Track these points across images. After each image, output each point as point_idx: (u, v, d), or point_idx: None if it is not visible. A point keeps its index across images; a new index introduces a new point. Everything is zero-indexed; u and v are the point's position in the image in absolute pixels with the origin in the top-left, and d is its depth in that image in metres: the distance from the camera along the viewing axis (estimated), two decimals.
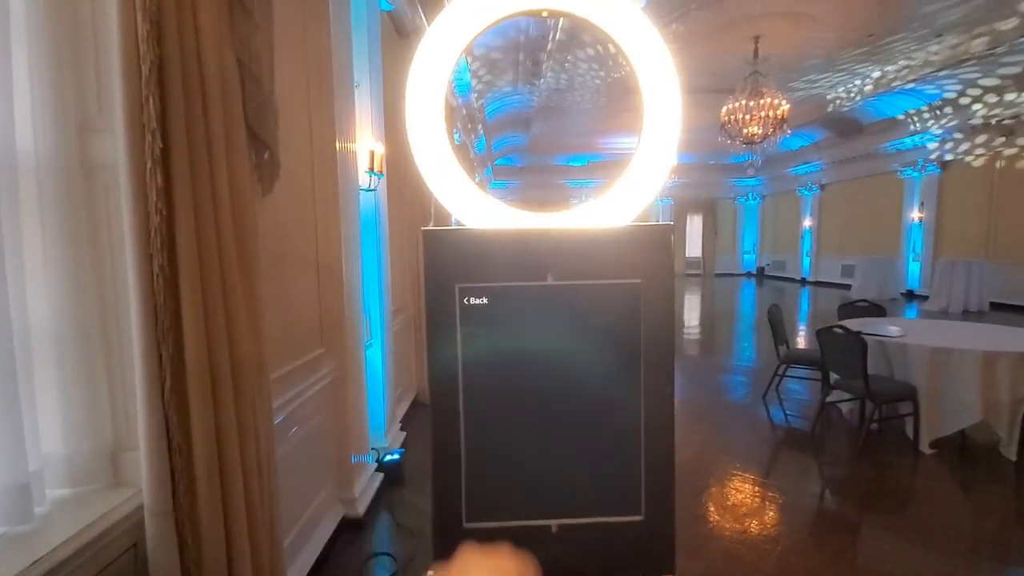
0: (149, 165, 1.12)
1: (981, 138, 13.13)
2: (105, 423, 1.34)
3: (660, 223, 1.58)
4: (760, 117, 8.81)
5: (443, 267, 1.56)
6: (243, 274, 1.47)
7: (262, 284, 1.58)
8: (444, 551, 1.62)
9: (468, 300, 1.58)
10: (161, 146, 1.18)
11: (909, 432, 4.31)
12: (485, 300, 1.61)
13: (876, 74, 11.67)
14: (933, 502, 3.56)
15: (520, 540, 1.18)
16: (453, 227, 1.54)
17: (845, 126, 15.89)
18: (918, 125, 14.02)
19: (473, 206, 1.56)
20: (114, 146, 1.23)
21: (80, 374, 1.33)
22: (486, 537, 1.67)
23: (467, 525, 1.71)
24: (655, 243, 1.62)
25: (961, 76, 11.43)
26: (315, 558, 2.60)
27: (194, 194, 1.24)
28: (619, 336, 1.69)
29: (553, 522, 1.80)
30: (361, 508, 3.12)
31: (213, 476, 1.25)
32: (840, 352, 4.23)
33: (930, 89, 12.43)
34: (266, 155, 1.72)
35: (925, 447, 4.25)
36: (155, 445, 1.15)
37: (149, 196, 1.12)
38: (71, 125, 1.31)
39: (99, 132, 1.36)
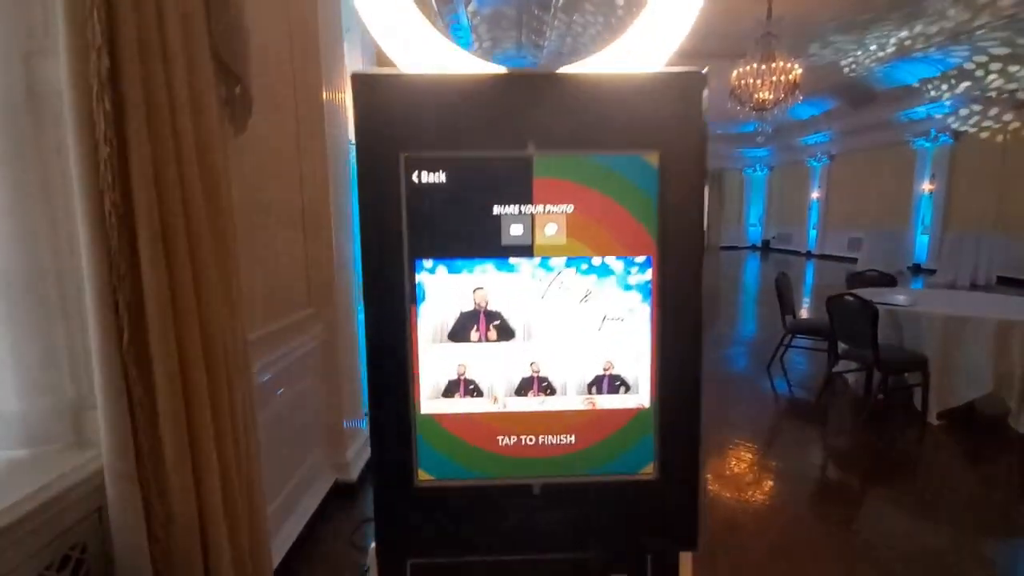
0: (96, 88, 1.02)
1: (995, 110, 12.77)
2: (64, 379, 1.27)
3: (690, 68, 1.18)
4: (772, 82, 8.49)
5: (382, 128, 1.18)
6: (212, 216, 1.36)
7: (235, 231, 1.55)
8: (389, 517, 1.54)
9: (418, 176, 1.30)
10: (108, 65, 1.06)
11: (917, 403, 4.27)
12: (442, 177, 1.38)
13: (897, 36, 11.24)
14: (940, 474, 3.53)
15: (489, 505, 0.99)
16: (397, 71, 1.16)
17: (858, 93, 15.48)
18: (933, 93, 13.62)
19: (423, 46, 1.10)
20: (60, 70, 1.12)
21: (34, 326, 1.25)
22: (444, 499, 1.57)
23: (419, 482, 1.60)
24: (681, 97, 1.25)
25: (980, 44, 11.02)
26: (305, 522, 2.56)
27: (150, 123, 1.13)
28: (627, 234, 1.51)
29: (534, 481, 1.69)
30: (354, 473, 3.07)
31: (181, 434, 1.19)
32: (851, 321, 4.29)
33: (948, 56, 12.02)
34: (237, 89, 1.57)
35: (933, 418, 4.21)
36: (113, 401, 1.10)
37: (97, 124, 1.02)
38: (14, 49, 1.19)
39: (45, 55, 1.22)
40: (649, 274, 1.59)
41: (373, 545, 1.61)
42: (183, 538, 1.20)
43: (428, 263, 1.57)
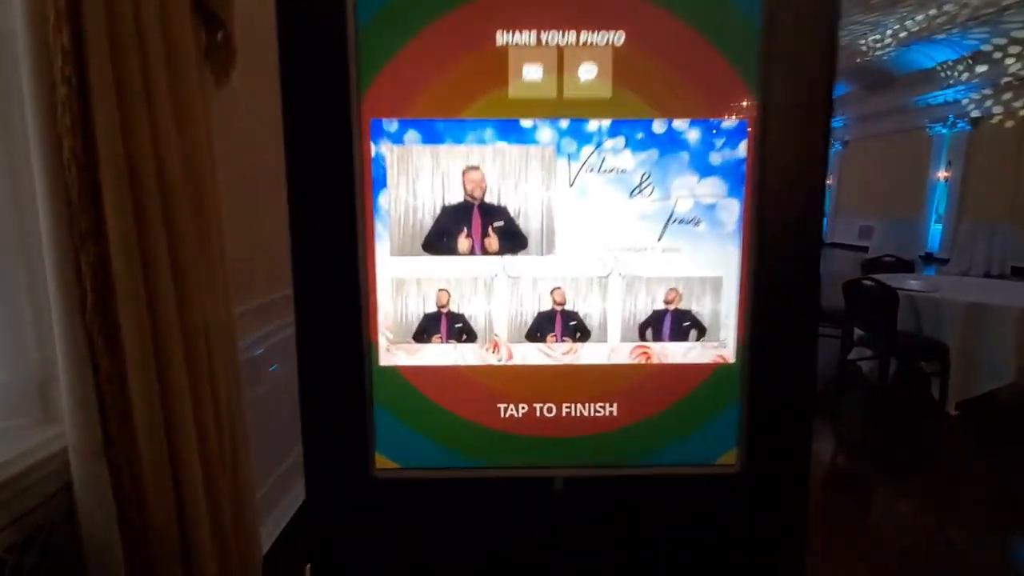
0: (52, 19, 0.90)
1: (1008, 95, 12.22)
2: (29, 350, 1.17)
3: None
4: None
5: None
6: (189, 169, 1.15)
7: (217, 188, 1.27)
8: (327, 526, 0.99)
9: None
10: None
11: (934, 392, 4.18)
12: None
13: (918, 17, 10.65)
14: (958, 466, 3.32)
15: (484, 508, 0.43)
16: None
17: (875, 77, 14.93)
18: (952, 78, 13.07)
19: None
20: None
21: None
22: (414, 499, 1.03)
23: (377, 471, 1.06)
24: None
25: (1002, 27, 10.45)
26: (300, 502, 2.28)
27: (116, 62, 0.99)
28: (711, 82, 1.01)
29: (555, 472, 1.13)
30: None
31: (154, 409, 1.09)
32: (868, 307, 4.00)
33: (965, 38, 11.45)
34: (220, 35, 1.34)
35: (951, 408, 3.99)
36: (76, 373, 1.02)
37: (54, 61, 0.91)
38: None
39: None
40: (743, 149, 1.00)
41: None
42: (158, 519, 1.11)
43: (391, 125, 0.99)
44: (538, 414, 1.09)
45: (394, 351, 1.07)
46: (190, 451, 1.17)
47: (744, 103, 0.99)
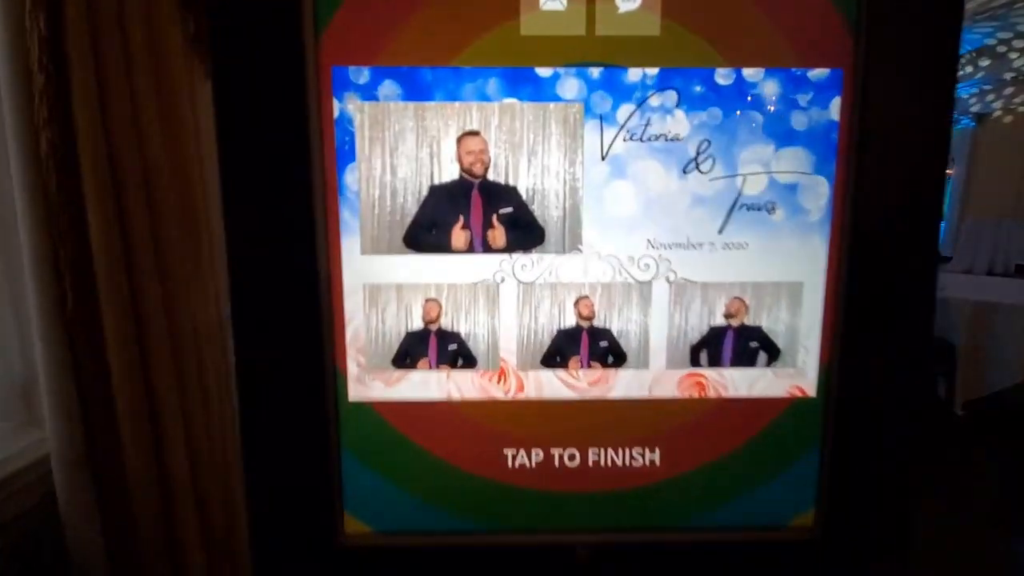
0: (28, 4, 0.85)
1: (1013, 90, 12.11)
2: (11, 350, 1.09)
3: None
4: None
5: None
6: (175, 161, 1.00)
7: (204, 180, 1.01)
8: None
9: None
10: None
11: (940, 391, 4.00)
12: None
13: None
14: (965, 466, 3.18)
15: None
16: None
17: None
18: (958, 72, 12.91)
19: None
20: None
21: None
22: (398, 572, 0.79)
23: (347, 538, 0.80)
24: None
25: (1011, 21, 10.26)
26: None
27: (95, 48, 0.90)
28: (794, 15, 0.75)
29: (581, 538, 0.88)
30: None
31: (140, 414, 1.01)
32: None
33: (972, 34, 11.26)
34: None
35: (958, 408, 3.74)
36: (57, 375, 0.97)
37: (30, 49, 0.87)
38: None
39: None
40: (836, 108, 0.74)
41: None
42: (145, 529, 1.04)
43: (360, 74, 0.73)
44: (557, 463, 0.83)
45: (368, 382, 0.80)
46: (179, 458, 1.12)
47: (839, 44, 0.73)
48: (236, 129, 0.74)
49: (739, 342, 0.81)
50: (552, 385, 0.82)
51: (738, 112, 0.74)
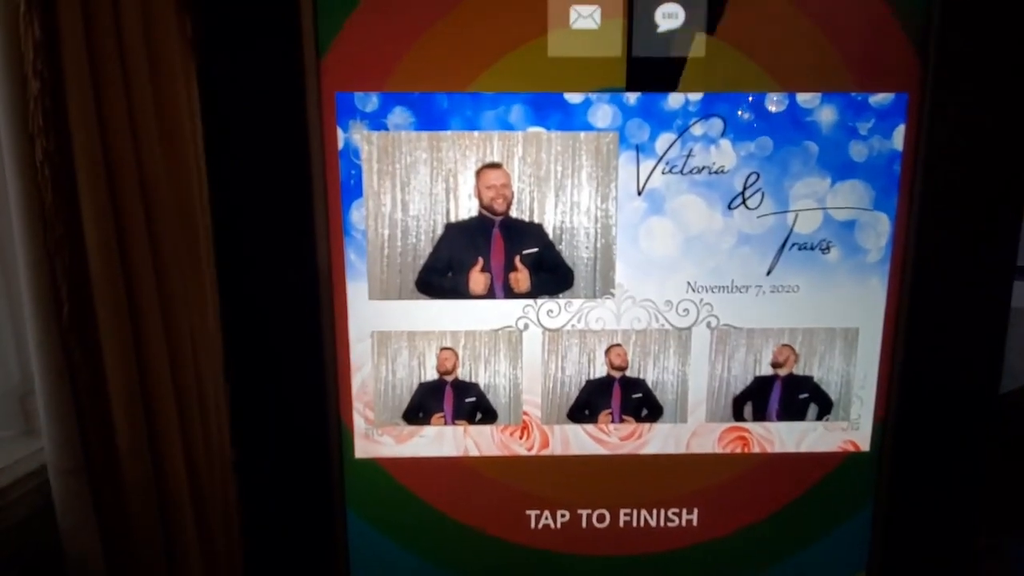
0: (23, 9, 0.79)
1: None
2: (9, 360, 1.07)
3: None
4: None
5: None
6: (172, 168, 0.95)
7: (204, 187, 0.97)
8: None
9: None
10: None
11: None
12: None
13: None
14: None
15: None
16: None
17: None
18: None
19: None
20: None
21: None
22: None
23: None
24: None
25: None
26: None
27: (91, 54, 0.87)
28: (856, 38, 0.69)
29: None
30: None
31: (137, 423, 0.97)
32: None
33: None
34: None
35: None
36: (53, 385, 0.93)
37: (25, 54, 0.82)
38: None
39: None
40: (899, 137, 0.67)
41: None
42: (143, 538, 1.01)
43: (369, 101, 0.65)
44: (585, 524, 0.76)
45: (376, 437, 0.73)
46: (177, 468, 1.10)
47: (904, 66, 0.65)
48: (230, 163, 0.66)
49: (787, 393, 0.73)
50: (580, 440, 0.74)
51: (790, 143, 0.67)
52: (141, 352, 1.04)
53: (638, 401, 0.73)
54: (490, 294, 0.69)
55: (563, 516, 0.76)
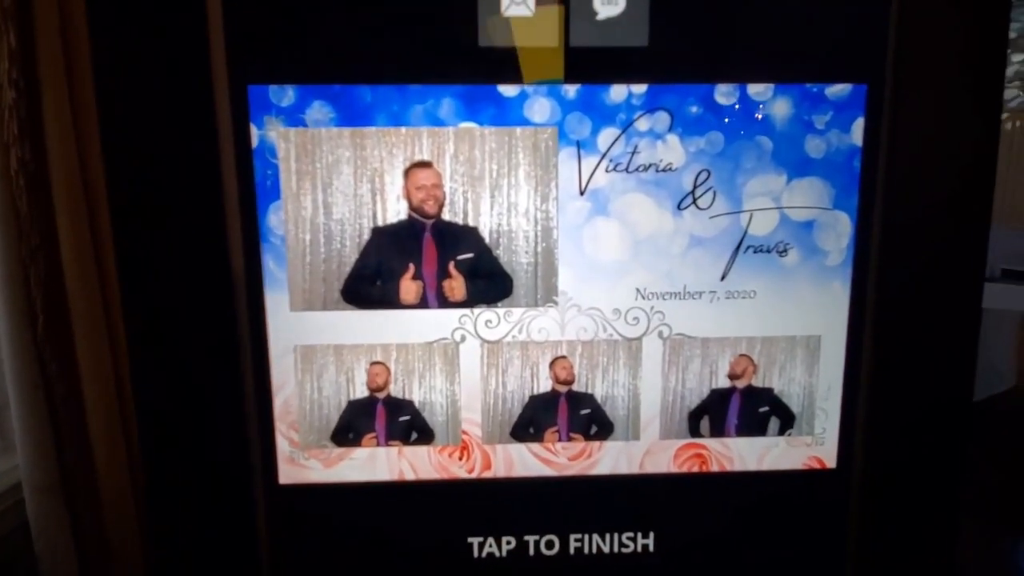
0: None
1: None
2: None
3: None
4: None
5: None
6: None
7: None
8: None
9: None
10: None
11: None
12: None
13: None
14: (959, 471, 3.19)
15: None
16: None
17: None
18: None
19: None
20: None
21: None
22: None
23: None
24: None
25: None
26: None
27: (68, 63, 0.81)
28: (805, 23, 0.62)
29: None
30: None
31: (115, 439, 0.91)
32: None
33: None
34: None
35: None
36: (28, 399, 0.89)
37: (0, 64, 0.79)
38: None
39: None
40: (859, 130, 0.63)
41: None
42: (122, 558, 0.95)
43: (284, 95, 0.59)
44: (532, 551, 0.70)
45: (302, 461, 0.67)
46: None
47: (863, 55, 0.61)
48: (131, 166, 0.60)
49: (746, 407, 0.68)
50: (525, 461, 0.68)
51: (742, 137, 0.62)
52: (119, 365, 0.98)
53: (586, 417, 0.68)
54: (423, 303, 0.64)
55: (508, 543, 0.70)
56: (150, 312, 0.63)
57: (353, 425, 0.66)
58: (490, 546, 0.70)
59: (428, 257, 0.63)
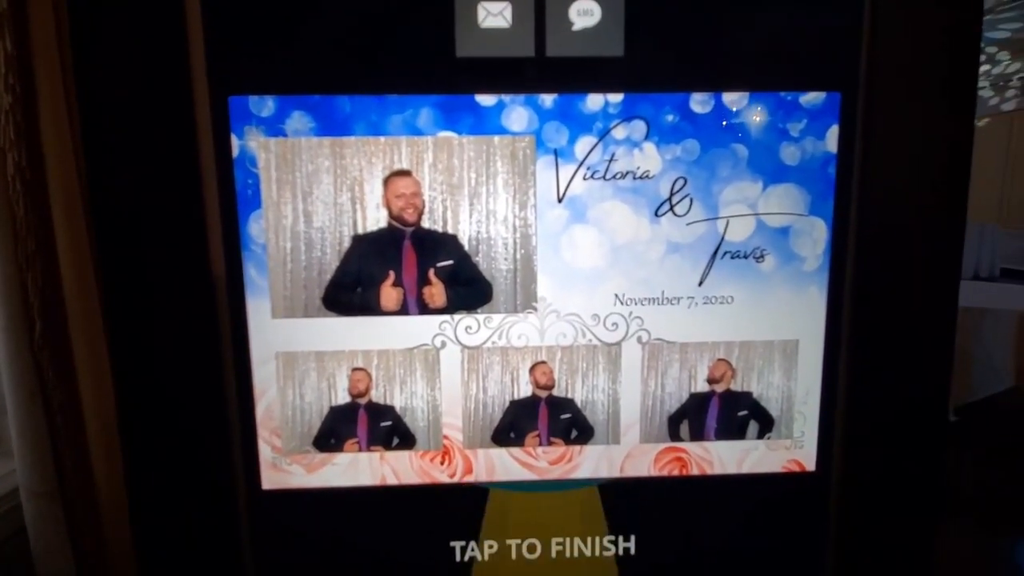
0: None
1: (1004, 94, 12.24)
2: None
3: None
4: None
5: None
6: None
7: None
8: None
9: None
10: None
11: None
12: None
13: None
14: (957, 471, 3.06)
15: None
16: None
17: None
18: None
19: None
20: None
21: None
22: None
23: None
24: None
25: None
26: None
27: (65, 67, 0.81)
28: (778, 34, 0.64)
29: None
30: None
31: (112, 442, 0.92)
32: None
33: None
34: None
35: (950, 413, 3.86)
36: (25, 405, 0.93)
37: None
38: None
39: None
40: (833, 137, 0.63)
41: None
42: (119, 564, 0.95)
43: (264, 105, 0.60)
44: (514, 555, 0.71)
45: (285, 466, 0.67)
46: None
47: (836, 63, 0.62)
48: (113, 174, 0.61)
49: (725, 411, 0.69)
50: (506, 465, 0.69)
51: (718, 145, 0.63)
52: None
53: (567, 422, 0.68)
54: (403, 310, 0.65)
55: (491, 547, 0.70)
56: (133, 320, 0.63)
57: (335, 431, 0.67)
58: (472, 550, 0.70)
59: (408, 264, 0.64)
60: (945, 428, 0.69)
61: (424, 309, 0.65)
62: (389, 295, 0.64)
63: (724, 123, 0.62)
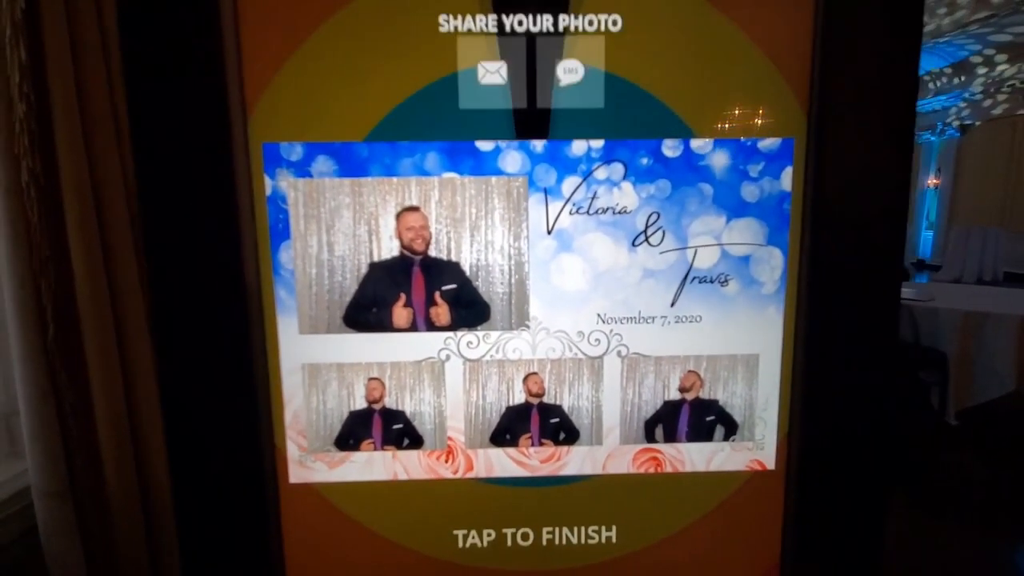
0: (8, 32, 0.84)
1: (991, 102, 12.23)
2: None
3: None
4: None
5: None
6: None
7: None
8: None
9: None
10: (23, 5, 0.83)
11: (934, 401, 4.04)
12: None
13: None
14: (959, 475, 3.22)
15: None
16: None
17: None
18: (940, 86, 13.01)
19: None
20: None
21: None
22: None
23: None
24: None
25: (989, 37, 10.37)
26: None
27: (77, 76, 0.89)
28: (742, 86, 0.74)
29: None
30: None
31: (123, 446, 1.01)
32: None
33: (960, 49, 11.37)
34: None
35: (951, 418, 3.77)
36: (37, 407, 0.96)
37: (11, 76, 0.85)
38: None
39: None
40: (788, 177, 0.72)
41: None
42: (130, 563, 1.02)
43: (293, 151, 0.70)
44: (509, 543, 0.80)
45: (309, 463, 0.77)
46: (163, 491, 1.10)
47: (792, 114, 0.71)
48: (163, 211, 0.70)
49: (695, 416, 0.78)
50: (502, 463, 0.78)
51: (687, 184, 0.72)
52: (128, 374, 1.05)
53: (555, 425, 0.78)
54: (413, 327, 0.74)
55: (489, 535, 0.80)
56: (179, 336, 0.73)
57: (353, 432, 0.76)
58: (473, 537, 0.79)
59: (417, 288, 0.73)
60: (889, 430, 0.78)
61: (431, 327, 0.74)
62: (400, 314, 0.73)
63: (692, 165, 0.72)
